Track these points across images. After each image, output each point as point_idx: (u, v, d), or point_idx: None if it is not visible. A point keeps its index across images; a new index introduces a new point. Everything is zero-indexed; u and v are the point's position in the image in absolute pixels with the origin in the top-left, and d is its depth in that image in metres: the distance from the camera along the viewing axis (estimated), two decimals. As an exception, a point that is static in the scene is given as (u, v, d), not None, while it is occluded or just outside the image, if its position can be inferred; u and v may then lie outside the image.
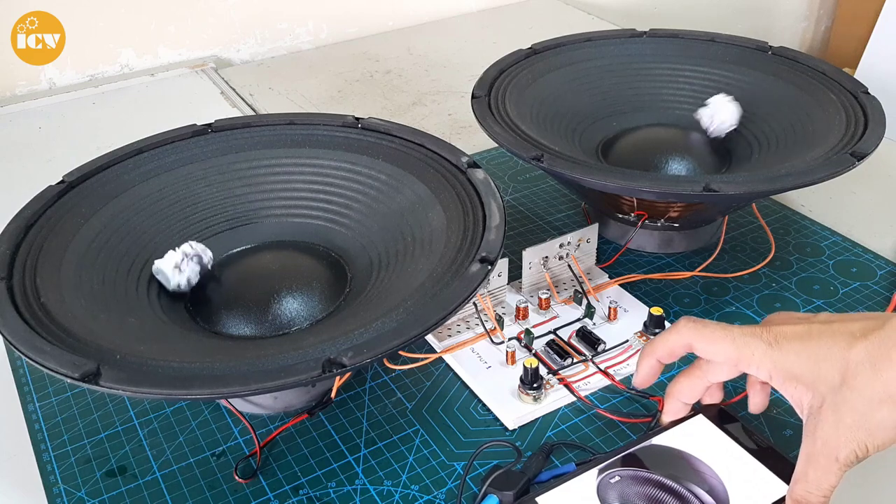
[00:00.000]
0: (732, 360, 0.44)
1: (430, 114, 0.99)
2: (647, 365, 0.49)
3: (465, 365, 0.57)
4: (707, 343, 0.45)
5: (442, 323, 0.46)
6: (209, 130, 0.64)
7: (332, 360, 0.43)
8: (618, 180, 0.58)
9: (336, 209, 0.61)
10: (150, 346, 0.48)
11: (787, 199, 0.77)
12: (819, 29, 1.72)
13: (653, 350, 0.48)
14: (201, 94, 1.06)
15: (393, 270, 0.55)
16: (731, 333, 0.44)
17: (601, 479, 0.46)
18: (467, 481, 0.49)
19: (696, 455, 0.47)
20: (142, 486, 0.51)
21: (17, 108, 1.03)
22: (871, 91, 0.68)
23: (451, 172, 0.59)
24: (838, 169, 0.58)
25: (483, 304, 0.60)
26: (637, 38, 0.79)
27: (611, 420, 0.53)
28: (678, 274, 0.67)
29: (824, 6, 1.69)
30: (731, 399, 0.52)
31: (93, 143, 0.82)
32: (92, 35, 1.09)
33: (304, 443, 0.53)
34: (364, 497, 0.49)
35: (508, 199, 0.78)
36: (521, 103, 0.70)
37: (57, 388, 0.58)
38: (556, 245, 0.63)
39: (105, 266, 0.55)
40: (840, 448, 0.40)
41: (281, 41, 1.21)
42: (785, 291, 0.65)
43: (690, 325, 0.46)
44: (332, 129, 0.64)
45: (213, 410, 0.56)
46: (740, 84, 0.74)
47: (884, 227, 0.73)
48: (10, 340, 0.45)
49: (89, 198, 0.58)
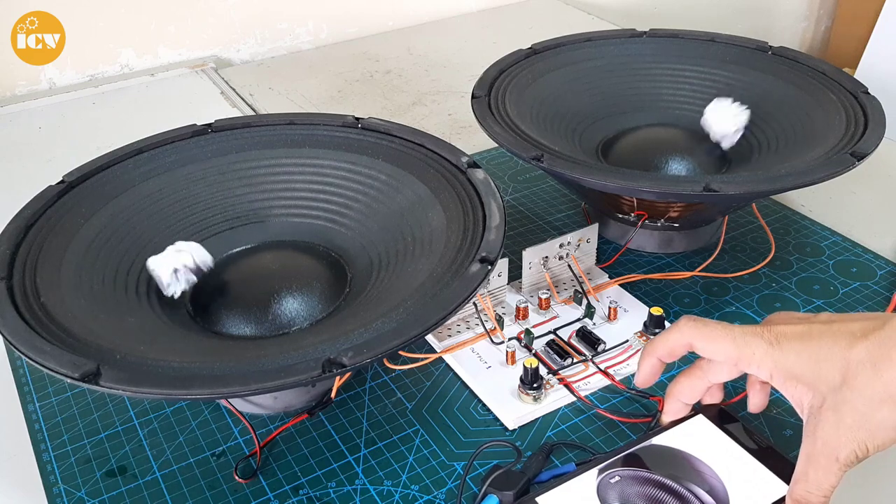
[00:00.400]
0: (733, 358, 0.44)
1: (430, 114, 0.99)
2: (649, 364, 0.49)
3: (465, 365, 0.57)
4: (707, 341, 0.45)
5: (442, 323, 0.46)
6: (209, 130, 0.64)
7: (332, 360, 0.43)
8: (618, 180, 0.58)
9: (336, 209, 0.61)
10: (150, 346, 0.48)
11: (787, 199, 0.77)
12: (819, 29, 1.72)
13: (653, 349, 0.48)
14: (201, 94, 1.06)
15: (393, 270, 0.55)
16: (731, 332, 0.45)
17: (601, 479, 0.46)
18: (467, 481, 0.49)
19: (696, 455, 0.47)
20: (142, 486, 0.51)
21: (17, 108, 1.03)
22: (871, 91, 0.68)
23: (451, 172, 0.59)
24: (838, 169, 0.58)
25: (483, 304, 0.60)
26: (637, 38, 0.79)
27: (611, 420, 0.53)
28: (678, 274, 0.67)
29: (824, 6, 1.69)
30: (731, 399, 0.52)
31: (93, 143, 0.82)
32: (92, 35, 1.09)
33: (304, 443, 0.53)
34: (364, 497, 0.49)
35: (508, 199, 0.78)
36: (521, 103, 0.70)
37: (57, 388, 0.58)
38: (556, 245, 0.63)
39: (105, 266, 0.55)
40: (840, 448, 0.40)
41: (281, 41, 1.21)
42: (785, 291, 0.65)
43: (691, 324, 0.46)
44: (332, 129, 0.64)
45: (213, 410, 0.56)
46: (740, 84, 0.74)
47: (884, 227, 0.73)
48: (10, 340, 0.45)
49: (89, 198, 0.58)
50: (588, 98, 0.75)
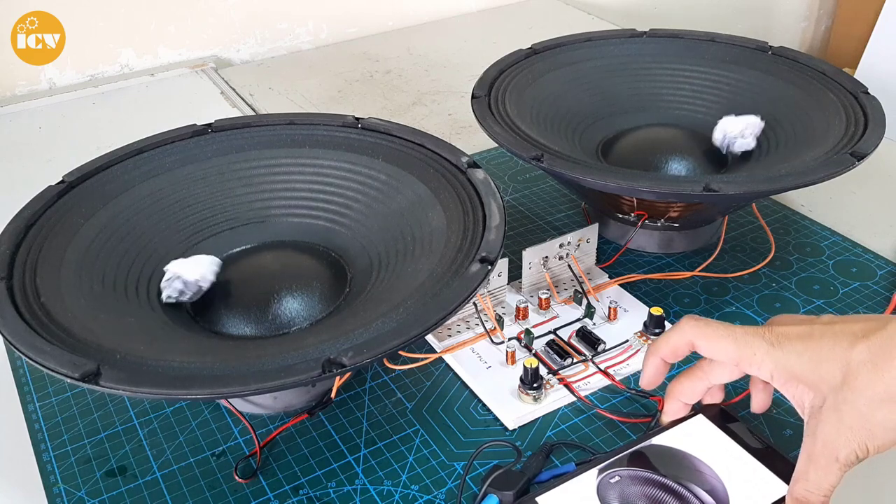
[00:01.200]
0: (734, 359, 0.44)
1: (430, 114, 0.99)
2: (653, 365, 0.49)
3: (465, 365, 0.57)
4: (709, 341, 0.45)
5: (442, 323, 0.46)
6: (209, 130, 0.64)
7: (332, 360, 0.43)
8: (618, 180, 0.58)
9: (336, 209, 0.61)
10: (150, 346, 0.48)
11: (787, 199, 0.77)
12: (819, 29, 1.72)
13: (656, 349, 0.48)
14: (201, 94, 1.06)
15: (393, 270, 0.55)
16: (733, 333, 0.45)
17: (601, 479, 0.46)
18: (467, 481, 0.49)
19: (696, 455, 0.47)
20: (142, 486, 0.50)
21: (17, 108, 1.03)
22: (871, 91, 0.68)
23: (451, 172, 0.59)
24: (838, 169, 0.58)
25: (483, 304, 0.60)
26: (637, 38, 0.79)
27: (611, 420, 0.53)
28: (678, 274, 0.67)
29: (824, 6, 1.69)
30: (731, 399, 0.52)
31: (93, 143, 0.82)
32: (92, 35, 1.09)
33: (304, 443, 0.53)
34: (364, 497, 0.49)
35: (508, 199, 0.78)
36: (521, 103, 0.70)
37: (57, 388, 0.58)
38: (556, 245, 0.63)
39: (105, 266, 0.55)
40: (840, 448, 0.41)
41: (281, 41, 1.21)
42: (785, 291, 0.65)
43: (693, 324, 0.46)
44: (332, 129, 0.64)
45: (213, 410, 0.56)
46: (740, 84, 0.74)
47: (884, 227, 0.73)
48: (10, 340, 0.45)
49: (89, 198, 0.58)
50: (588, 98, 0.75)
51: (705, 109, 0.74)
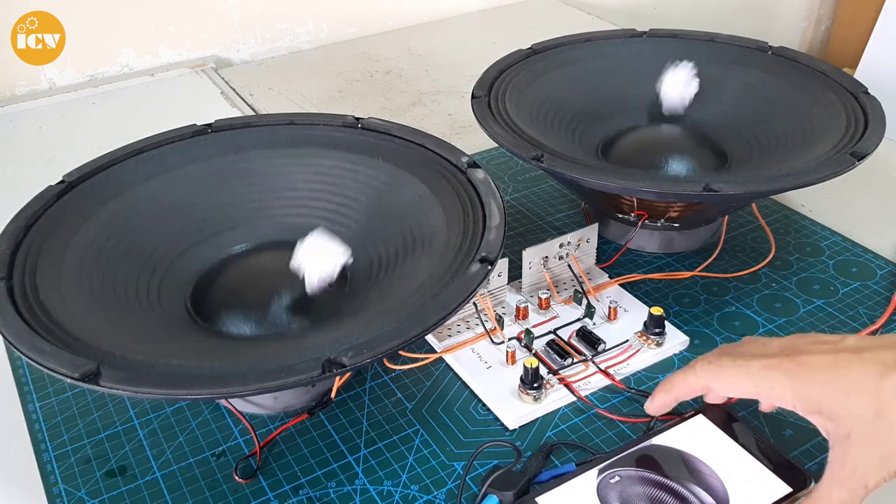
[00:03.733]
0: (752, 395, 0.44)
1: (430, 114, 0.99)
2: (663, 401, 0.48)
3: (465, 365, 0.57)
4: (724, 383, 0.45)
5: (442, 323, 0.46)
6: (209, 130, 0.64)
7: (332, 360, 0.43)
8: (618, 180, 0.58)
9: (336, 209, 0.61)
10: (150, 346, 0.48)
11: (787, 199, 0.77)
12: (819, 29, 1.72)
13: (671, 388, 0.47)
14: (201, 94, 1.06)
15: (393, 270, 0.55)
16: (747, 370, 0.44)
17: (601, 479, 0.46)
18: (467, 481, 0.49)
19: (696, 455, 0.47)
20: (142, 486, 0.50)
21: (17, 108, 1.03)
22: (871, 91, 0.68)
23: (451, 172, 0.59)
24: (838, 169, 0.58)
25: (483, 304, 0.60)
26: (637, 38, 0.79)
27: (611, 420, 0.53)
28: (678, 274, 0.67)
29: (824, 6, 1.69)
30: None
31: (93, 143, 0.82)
32: (92, 35, 1.09)
33: (304, 443, 0.53)
34: (364, 497, 0.49)
35: (508, 199, 0.78)
36: (521, 103, 0.70)
37: (57, 388, 0.58)
38: (556, 245, 0.63)
39: (105, 266, 0.55)
40: (871, 476, 0.40)
41: (281, 41, 1.21)
42: (785, 291, 0.65)
43: (706, 367, 0.45)
44: (332, 129, 0.64)
45: (213, 410, 0.56)
46: (740, 84, 0.74)
47: (884, 227, 0.73)
48: (10, 340, 0.45)
49: (89, 198, 0.58)
50: (588, 98, 0.75)
51: (705, 109, 0.74)
